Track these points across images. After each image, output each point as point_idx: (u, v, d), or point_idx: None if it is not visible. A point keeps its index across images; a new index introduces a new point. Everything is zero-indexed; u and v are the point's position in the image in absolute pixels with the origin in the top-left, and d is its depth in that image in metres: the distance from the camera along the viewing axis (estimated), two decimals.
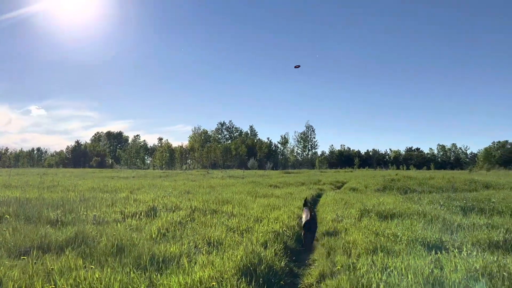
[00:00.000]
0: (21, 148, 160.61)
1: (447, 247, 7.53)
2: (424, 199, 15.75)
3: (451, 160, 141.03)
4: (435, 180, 29.34)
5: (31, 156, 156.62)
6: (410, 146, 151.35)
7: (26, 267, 5.34)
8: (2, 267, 5.11)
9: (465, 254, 6.43)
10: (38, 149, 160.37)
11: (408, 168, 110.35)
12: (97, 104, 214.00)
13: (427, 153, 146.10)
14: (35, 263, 5.61)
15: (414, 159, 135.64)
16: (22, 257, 5.96)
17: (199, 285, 4.98)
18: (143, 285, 4.95)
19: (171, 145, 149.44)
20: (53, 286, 4.63)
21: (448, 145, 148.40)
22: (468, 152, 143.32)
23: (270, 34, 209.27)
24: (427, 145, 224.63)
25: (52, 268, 5.38)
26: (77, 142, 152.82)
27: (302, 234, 9.20)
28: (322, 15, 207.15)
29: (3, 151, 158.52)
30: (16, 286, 4.54)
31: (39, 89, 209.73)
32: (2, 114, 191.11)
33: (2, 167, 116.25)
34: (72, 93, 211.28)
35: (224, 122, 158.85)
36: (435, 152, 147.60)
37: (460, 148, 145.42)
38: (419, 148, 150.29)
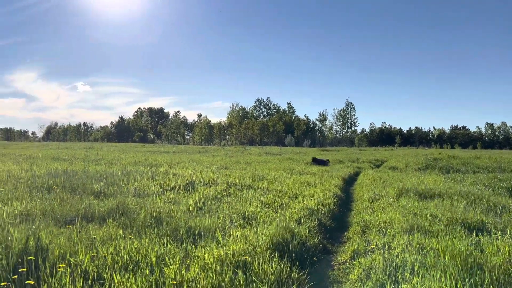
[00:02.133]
0: (69, 123, 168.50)
1: (490, 229, 7.24)
2: (467, 179, 15.15)
3: (500, 139, 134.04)
4: (481, 160, 28.05)
5: (78, 130, 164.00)
6: (455, 124, 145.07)
7: (71, 235, 5.65)
8: (50, 235, 5.42)
9: (508, 237, 6.15)
10: (85, 124, 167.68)
11: (452, 147, 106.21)
12: (139, 81, 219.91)
13: (474, 132, 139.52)
14: (79, 231, 5.92)
15: (459, 138, 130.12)
16: (67, 226, 6.31)
17: (231, 258, 5.08)
18: (178, 256, 5.12)
19: (210, 121, 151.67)
20: (95, 254, 4.89)
21: (497, 123, 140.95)
22: None
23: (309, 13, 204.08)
24: (474, 123, 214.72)
25: (94, 237, 5.66)
26: (121, 117, 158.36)
27: None
28: None
29: (53, 126, 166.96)
30: (62, 252, 4.81)
31: (85, 66, 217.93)
32: (51, 90, 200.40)
33: (52, 140, 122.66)
34: (115, 70, 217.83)
35: (262, 98, 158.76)
36: (483, 130, 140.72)
37: (511, 127, 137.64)
38: (465, 127, 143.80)
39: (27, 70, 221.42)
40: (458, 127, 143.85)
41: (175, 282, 4.25)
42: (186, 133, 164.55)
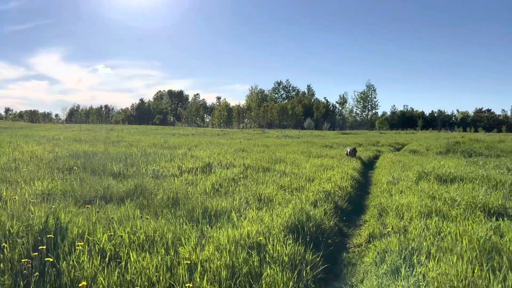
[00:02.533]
0: (91, 105, 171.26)
1: (511, 214, 7.07)
2: (490, 163, 14.77)
3: None
4: (506, 144, 27.31)
5: (100, 113, 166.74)
6: (480, 107, 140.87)
7: (90, 215, 5.78)
8: (69, 214, 5.56)
9: None
10: (106, 106, 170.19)
11: (476, 131, 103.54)
12: (159, 63, 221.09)
13: (499, 115, 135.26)
14: (97, 211, 6.06)
15: (483, 121, 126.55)
16: (86, 206, 6.46)
17: (246, 239, 5.11)
18: (194, 236, 5.18)
19: (229, 104, 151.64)
20: (112, 233, 4.99)
21: None
22: None
23: None
24: (500, 106, 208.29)
25: (112, 217, 5.78)
26: (141, 100, 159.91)
27: None
28: None
29: (75, 108, 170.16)
30: (80, 231, 4.94)
31: (106, 49, 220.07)
32: (73, 72, 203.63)
33: (75, 122, 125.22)
34: (136, 53, 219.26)
35: (281, 81, 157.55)
36: (509, 114, 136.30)
37: None
38: (490, 110, 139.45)
39: (49, 53, 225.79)
40: (483, 110, 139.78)
41: (189, 262, 4.32)
42: (205, 116, 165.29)
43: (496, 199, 7.87)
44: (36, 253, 4.01)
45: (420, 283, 4.08)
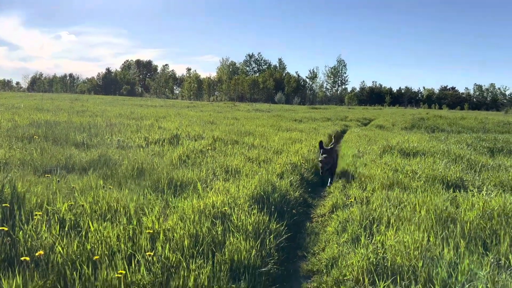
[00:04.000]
0: (54, 74, 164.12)
1: (467, 186, 7.39)
2: (451, 139, 15.33)
3: (487, 101, 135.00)
4: (467, 121, 28.40)
5: (64, 81, 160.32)
6: (445, 85, 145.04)
7: (50, 184, 5.60)
8: (27, 183, 5.37)
9: (484, 194, 6.29)
10: (71, 75, 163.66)
11: (440, 108, 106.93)
12: (126, 31, 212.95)
13: (462, 93, 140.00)
14: (58, 181, 5.87)
15: (448, 99, 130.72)
16: (46, 175, 6.24)
17: (211, 209, 5.11)
18: (158, 206, 5.12)
19: (199, 76, 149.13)
20: (73, 203, 4.86)
21: (486, 85, 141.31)
22: (507, 93, 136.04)
23: None
24: (464, 85, 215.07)
25: (73, 187, 5.62)
26: (108, 69, 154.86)
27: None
28: None
29: (38, 76, 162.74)
30: (39, 201, 4.78)
31: (69, 14, 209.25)
32: (34, 38, 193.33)
33: (37, 91, 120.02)
34: (101, 19, 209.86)
35: (252, 54, 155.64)
36: (471, 92, 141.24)
37: (499, 89, 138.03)
38: (455, 87, 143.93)
39: (7, 17, 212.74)
40: (448, 87, 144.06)
41: (151, 232, 4.27)
42: (174, 88, 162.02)
43: (455, 172, 8.20)
44: None
45: (379, 251, 4.22)
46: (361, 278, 3.85)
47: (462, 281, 3.55)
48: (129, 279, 3.42)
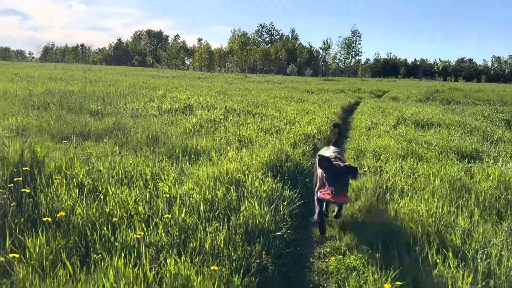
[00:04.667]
0: (66, 44, 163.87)
1: (482, 157, 7.32)
2: (467, 111, 15.09)
3: (505, 73, 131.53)
4: (483, 93, 27.82)
5: (76, 52, 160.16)
6: (462, 57, 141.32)
7: (67, 150, 5.70)
8: (45, 148, 5.46)
9: (500, 164, 6.23)
10: (82, 46, 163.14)
11: (456, 80, 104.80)
12: (136, 1, 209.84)
13: (480, 65, 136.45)
14: (75, 147, 5.97)
15: (464, 71, 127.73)
16: (63, 142, 6.34)
17: (225, 176, 5.16)
18: (173, 172, 5.20)
19: (211, 46, 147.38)
20: (90, 168, 4.96)
21: (505, 56, 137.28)
22: None
23: None
24: (482, 57, 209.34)
25: (90, 153, 5.72)
26: (119, 39, 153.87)
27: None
28: None
29: (50, 46, 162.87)
30: (57, 165, 4.88)
31: None
32: (45, 7, 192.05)
33: (50, 61, 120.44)
34: None
35: (264, 24, 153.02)
36: (489, 64, 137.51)
37: None
38: (472, 59, 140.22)
39: None
40: (464, 59, 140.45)
41: (168, 196, 4.35)
42: (186, 59, 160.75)
43: (470, 143, 8.12)
44: (12, 185, 3.96)
45: (392, 218, 4.25)
46: (374, 243, 3.90)
47: (475, 248, 3.58)
48: (147, 240, 3.51)
